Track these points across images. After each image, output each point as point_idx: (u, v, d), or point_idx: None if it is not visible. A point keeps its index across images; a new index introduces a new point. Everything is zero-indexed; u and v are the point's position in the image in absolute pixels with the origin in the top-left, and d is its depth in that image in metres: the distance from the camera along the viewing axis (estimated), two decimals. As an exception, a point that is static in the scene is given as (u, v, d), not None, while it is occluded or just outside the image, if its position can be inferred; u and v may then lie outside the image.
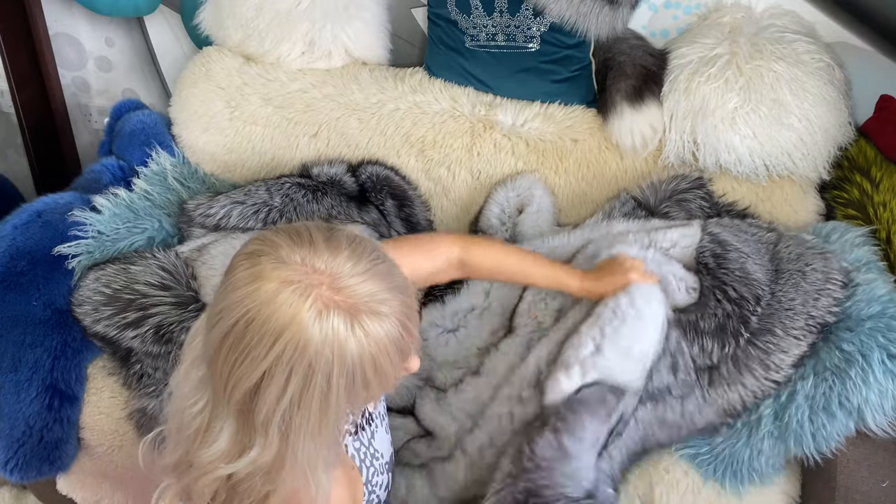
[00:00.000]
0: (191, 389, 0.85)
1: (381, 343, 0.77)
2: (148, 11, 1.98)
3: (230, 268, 0.79)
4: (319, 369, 0.74)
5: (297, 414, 0.76)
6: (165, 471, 0.91)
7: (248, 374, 0.75)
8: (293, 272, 0.75)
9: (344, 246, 0.78)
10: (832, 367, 1.25)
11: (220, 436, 0.80)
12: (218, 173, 1.84)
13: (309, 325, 0.73)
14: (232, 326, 0.75)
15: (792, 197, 1.59)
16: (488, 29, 1.66)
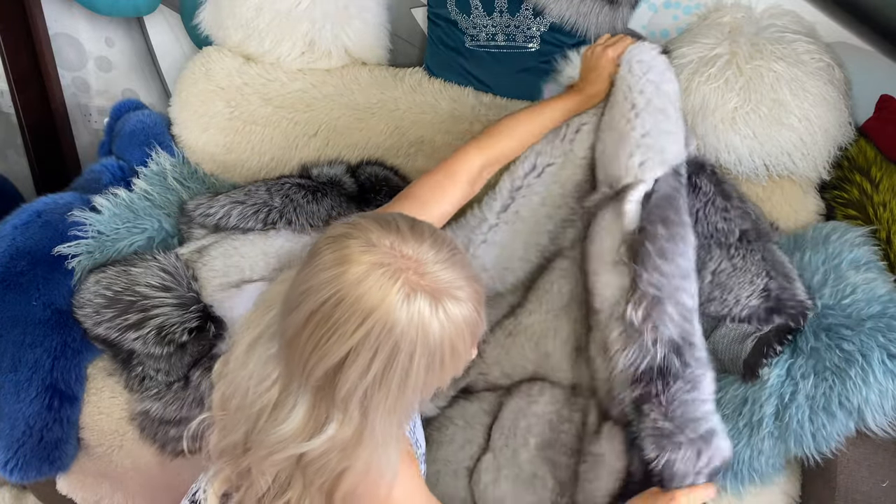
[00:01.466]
0: (257, 368, 0.88)
1: (459, 326, 0.81)
2: (148, 11, 1.98)
3: (315, 251, 0.83)
4: (404, 349, 0.78)
5: (378, 391, 0.80)
6: (215, 456, 0.94)
7: (333, 352, 0.78)
8: (383, 256, 0.79)
9: (427, 235, 0.83)
10: (832, 366, 1.25)
11: (292, 413, 0.84)
12: (218, 173, 1.84)
13: (397, 306, 0.77)
14: (320, 305, 0.78)
15: (792, 197, 1.59)
16: (488, 29, 1.66)
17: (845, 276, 1.35)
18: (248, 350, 0.91)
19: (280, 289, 0.94)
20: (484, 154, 1.26)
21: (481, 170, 1.26)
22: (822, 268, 1.38)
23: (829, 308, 1.32)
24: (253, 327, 0.93)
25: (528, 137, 1.34)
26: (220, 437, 0.94)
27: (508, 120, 1.33)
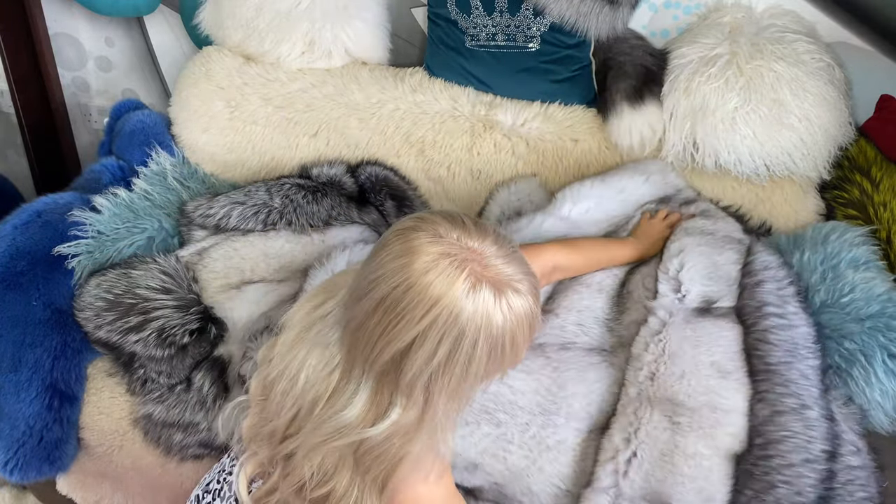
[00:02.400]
0: (312, 355, 0.90)
1: (519, 318, 0.84)
2: (148, 11, 1.98)
3: (383, 243, 0.86)
4: (468, 336, 0.81)
5: (442, 376, 0.83)
6: (250, 439, 0.96)
7: (400, 336, 0.82)
8: (450, 247, 0.83)
9: (490, 231, 0.87)
10: (834, 365, 1.25)
11: (354, 399, 0.86)
12: (218, 173, 1.84)
13: (463, 295, 0.81)
14: (390, 291, 0.82)
15: (792, 197, 1.59)
16: (488, 29, 1.66)
17: (844, 276, 1.35)
18: (301, 336, 0.93)
19: (340, 279, 0.97)
20: (564, 256, 1.35)
21: (553, 270, 1.34)
22: (821, 267, 1.38)
23: (829, 306, 1.32)
24: (307, 313, 0.95)
25: (596, 264, 1.42)
26: (258, 421, 0.96)
27: (587, 241, 1.46)
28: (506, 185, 1.68)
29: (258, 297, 1.50)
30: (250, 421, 0.98)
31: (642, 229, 1.48)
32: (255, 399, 0.98)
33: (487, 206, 1.69)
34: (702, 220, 1.48)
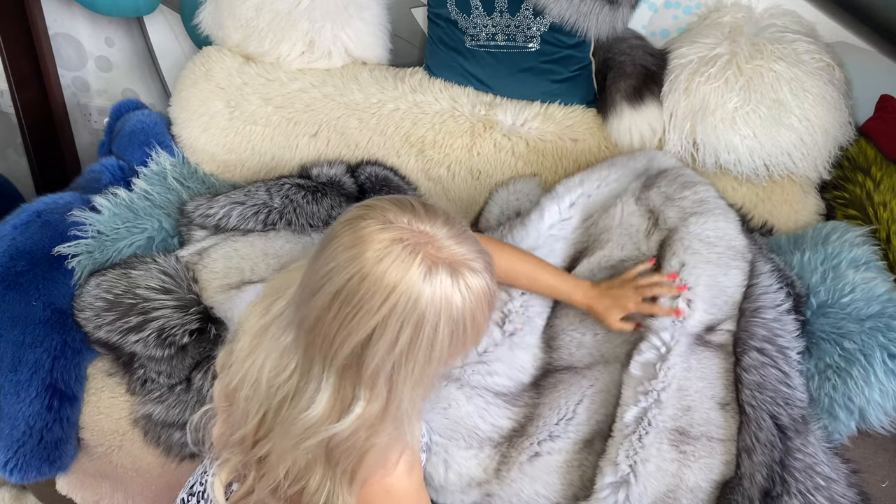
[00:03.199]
0: (270, 359, 0.89)
1: (478, 296, 0.84)
2: (148, 11, 1.98)
3: (331, 235, 0.85)
4: (429, 320, 0.81)
5: (405, 364, 0.82)
6: (222, 446, 0.95)
7: (360, 328, 0.80)
8: (401, 232, 0.82)
9: (440, 213, 0.87)
10: (834, 364, 1.25)
11: (317, 397, 0.85)
12: (218, 173, 1.84)
13: (420, 279, 0.80)
14: (345, 284, 0.80)
15: (792, 197, 1.59)
16: (488, 29, 1.66)
17: (844, 276, 1.36)
18: (256, 340, 0.92)
19: (286, 278, 0.95)
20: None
21: None
22: (822, 267, 1.38)
23: (829, 306, 1.32)
24: (259, 317, 0.94)
25: (515, 279, 1.32)
26: (226, 429, 0.94)
27: (519, 252, 1.33)
28: (506, 185, 1.68)
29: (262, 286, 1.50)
30: (219, 428, 0.97)
31: (609, 284, 1.32)
32: (219, 406, 0.97)
33: (487, 206, 1.69)
34: (698, 222, 1.36)
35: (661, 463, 1.18)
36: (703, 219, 1.36)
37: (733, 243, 1.34)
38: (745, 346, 1.24)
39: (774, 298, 1.29)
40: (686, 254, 1.31)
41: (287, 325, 0.89)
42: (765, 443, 1.17)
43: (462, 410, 1.26)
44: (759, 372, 1.21)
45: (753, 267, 1.33)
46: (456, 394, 1.27)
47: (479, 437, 1.26)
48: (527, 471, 1.23)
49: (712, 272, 1.29)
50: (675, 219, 1.38)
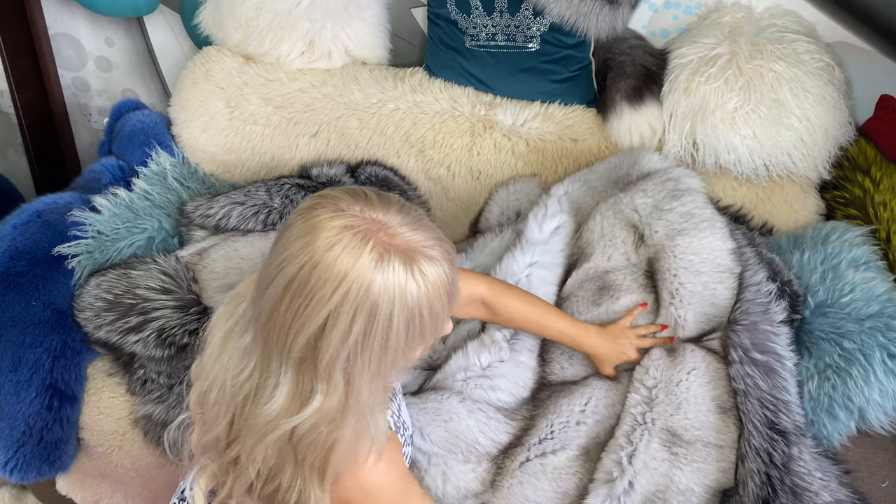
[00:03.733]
0: (233, 361, 0.88)
1: (435, 285, 0.82)
2: (148, 11, 1.98)
3: (286, 225, 0.84)
4: (382, 309, 0.79)
5: (361, 355, 0.81)
6: (200, 453, 0.94)
7: (312, 318, 0.79)
8: (353, 220, 0.80)
9: (394, 201, 0.85)
10: (833, 364, 1.25)
11: (276, 392, 0.84)
12: (218, 173, 1.84)
13: (372, 266, 0.78)
14: (296, 273, 0.79)
15: (792, 197, 1.59)
16: (488, 29, 1.66)
17: (844, 276, 1.36)
18: (222, 344, 0.91)
19: (249, 282, 0.94)
20: (491, 295, 1.25)
21: (479, 303, 1.26)
22: (821, 267, 1.38)
23: (829, 306, 1.32)
24: (224, 321, 0.93)
25: (523, 324, 1.30)
26: (201, 434, 0.94)
27: (529, 297, 1.30)
28: (506, 185, 1.68)
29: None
30: (196, 436, 0.96)
31: (612, 331, 1.31)
32: (195, 414, 0.96)
33: (487, 206, 1.69)
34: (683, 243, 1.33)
35: (648, 460, 1.17)
36: (688, 239, 1.33)
37: (719, 261, 1.32)
38: (731, 355, 1.24)
39: (765, 308, 1.29)
40: (674, 285, 1.31)
41: (246, 324, 0.88)
42: (758, 449, 1.17)
43: (463, 424, 1.26)
44: (745, 381, 1.21)
45: (743, 277, 1.32)
46: (457, 407, 1.27)
47: (478, 452, 1.26)
48: (522, 480, 1.23)
49: (700, 304, 1.30)
50: (662, 234, 1.35)
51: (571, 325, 1.30)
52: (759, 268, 1.34)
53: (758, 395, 1.20)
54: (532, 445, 1.26)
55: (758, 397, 1.20)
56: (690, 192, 1.39)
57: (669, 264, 1.32)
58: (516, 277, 1.37)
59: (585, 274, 1.40)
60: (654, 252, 1.35)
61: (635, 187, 1.42)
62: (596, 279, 1.38)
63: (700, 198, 1.39)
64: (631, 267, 1.37)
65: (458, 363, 1.30)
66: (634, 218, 1.39)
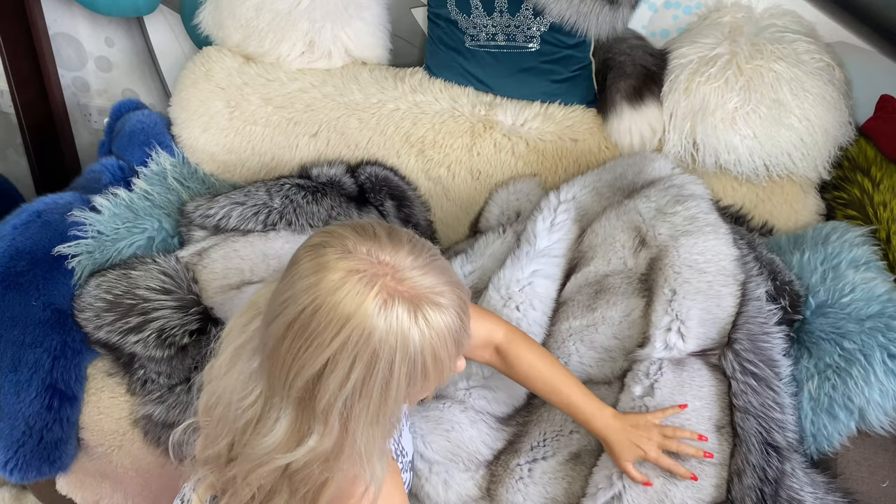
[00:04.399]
0: (240, 382, 0.87)
1: (441, 333, 0.79)
2: (148, 11, 1.98)
3: (294, 260, 0.82)
4: (383, 357, 0.77)
5: (359, 401, 0.78)
6: (199, 463, 0.93)
7: (311, 361, 0.77)
8: (359, 262, 0.78)
9: (405, 241, 0.82)
10: (833, 364, 1.25)
11: (276, 426, 0.82)
12: (218, 173, 1.84)
13: (374, 313, 0.76)
14: (298, 314, 0.77)
15: (792, 197, 1.59)
16: (488, 29, 1.66)
17: (844, 276, 1.35)
18: (232, 359, 0.90)
19: (266, 292, 0.92)
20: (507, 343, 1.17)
21: (494, 348, 1.19)
22: (821, 267, 1.38)
23: (829, 306, 1.32)
24: (237, 334, 0.92)
25: (533, 382, 1.20)
26: (205, 445, 0.93)
27: (546, 356, 1.20)
28: (506, 185, 1.68)
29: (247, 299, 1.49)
30: (201, 443, 0.95)
31: (632, 420, 1.17)
32: (202, 421, 0.95)
33: (487, 206, 1.69)
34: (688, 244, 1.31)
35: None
36: (692, 239, 1.32)
37: (723, 264, 1.30)
38: (732, 372, 1.23)
39: (767, 325, 1.27)
40: (677, 282, 1.28)
41: (255, 349, 0.87)
42: (755, 466, 1.16)
43: (465, 434, 1.26)
44: (746, 398, 1.20)
45: (745, 289, 1.30)
46: (459, 417, 1.27)
47: (478, 461, 1.27)
48: (515, 486, 1.24)
49: (704, 303, 1.27)
50: (666, 236, 1.34)
51: (587, 401, 1.17)
52: (761, 280, 1.32)
53: (756, 412, 1.19)
54: (524, 452, 1.26)
55: (755, 414, 1.19)
56: (695, 198, 1.38)
57: (673, 261, 1.30)
58: (521, 284, 1.36)
59: (585, 279, 1.39)
60: (657, 252, 1.34)
61: (639, 194, 1.42)
62: (594, 283, 1.38)
63: (704, 204, 1.38)
64: (627, 271, 1.36)
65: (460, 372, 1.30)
66: (637, 220, 1.38)
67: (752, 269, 1.33)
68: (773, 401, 1.20)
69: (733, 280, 1.30)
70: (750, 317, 1.26)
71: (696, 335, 1.26)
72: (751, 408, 1.19)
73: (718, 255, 1.31)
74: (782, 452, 1.18)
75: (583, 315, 1.35)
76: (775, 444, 1.18)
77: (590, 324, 1.34)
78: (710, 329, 1.27)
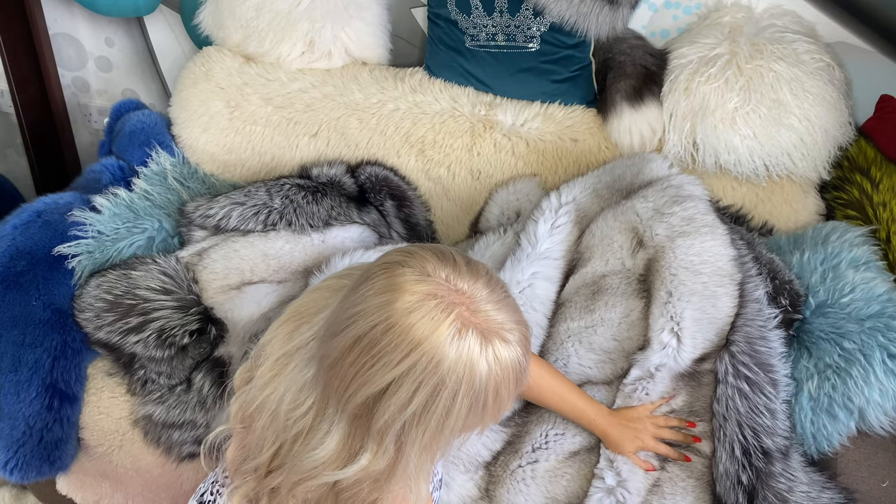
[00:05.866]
0: (290, 392, 0.85)
1: (506, 370, 0.78)
2: (148, 11, 1.98)
3: (367, 276, 0.80)
4: (449, 386, 0.76)
5: (417, 427, 0.77)
6: (234, 471, 0.92)
7: (375, 380, 0.76)
8: (438, 287, 0.77)
9: (482, 273, 0.81)
10: (833, 364, 1.25)
11: (326, 439, 0.81)
12: (218, 173, 1.84)
13: (447, 341, 0.75)
14: (369, 330, 0.76)
15: (792, 197, 1.59)
16: (488, 29, 1.66)
17: (844, 276, 1.36)
18: (277, 368, 0.89)
19: (313, 300, 0.91)
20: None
21: None
22: (821, 267, 1.38)
23: (829, 306, 1.32)
24: (282, 343, 0.91)
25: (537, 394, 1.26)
26: (241, 454, 0.92)
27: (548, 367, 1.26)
28: (506, 185, 1.68)
29: (258, 297, 1.50)
30: (233, 451, 0.94)
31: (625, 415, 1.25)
32: (235, 429, 0.94)
33: (487, 206, 1.69)
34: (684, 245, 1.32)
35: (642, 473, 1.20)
36: (689, 240, 1.32)
37: (719, 265, 1.31)
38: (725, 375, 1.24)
39: (764, 326, 1.28)
40: (673, 284, 1.29)
41: (310, 359, 0.85)
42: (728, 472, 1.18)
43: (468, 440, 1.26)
44: (732, 403, 1.21)
45: (743, 290, 1.30)
46: None
47: (477, 462, 1.28)
48: (516, 487, 1.24)
49: (699, 304, 1.27)
50: (663, 236, 1.34)
51: (590, 403, 1.26)
52: (759, 280, 1.32)
53: (740, 417, 1.21)
54: (525, 454, 1.26)
55: (739, 420, 1.20)
56: (692, 199, 1.38)
57: (669, 262, 1.31)
58: (521, 286, 1.36)
59: (583, 279, 1.39)
60: (654, 252, 1.35)
61: (637, 195, 1.42)
62: (591, 284, 1.38)
63: (702, 204, 1.38)
64: (625, 272, 1.36)
65: None
66: (635, 220, 1.38)
67: (751, 270, 1.33)
68: (763, 406, 1.21)
69: (730, 280, 1.30)
70: (748, 319, 1.27)
71: (693, 336, 1.26)
72: (734, 413, 1.21)
73: (715, 255, 1.31)
74: (771, 455, 1.19)
75: (581, 316, 1.35)
76: (762, 448, 1.19)
77: (588, 325, 1.34)
78: (708, 331, 1.27)
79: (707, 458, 1.22)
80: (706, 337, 1.27)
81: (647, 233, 1.36)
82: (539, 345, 1.37)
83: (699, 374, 1.27)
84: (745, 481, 1.17)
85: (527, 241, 1.42)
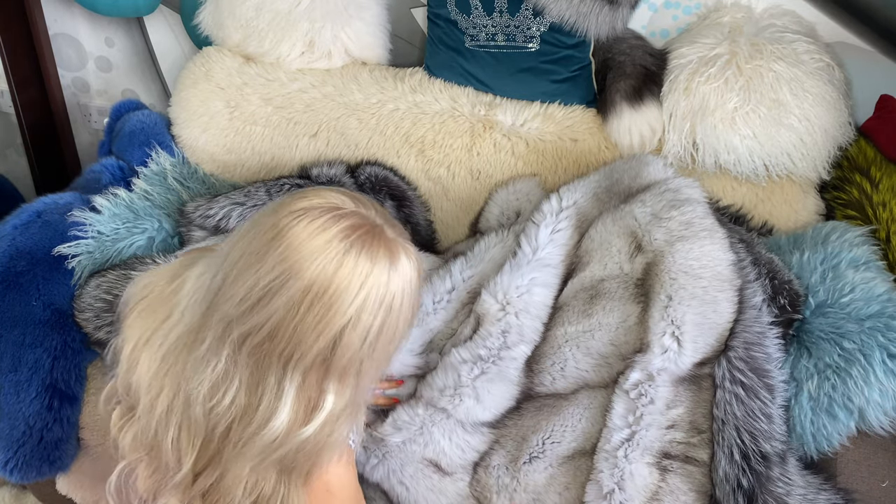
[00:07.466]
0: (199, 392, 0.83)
1: (416, 269, 0.88)
2: (148, 11, 1.98)
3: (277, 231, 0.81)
4: (396, 300, 0.83)
5: (377, 349, 0.84)
6: (155, 494, 0.90)
7: (333, 323, 0.80)
8: (354, 218, 0.83)
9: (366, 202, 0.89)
10: (833, 364, 1.25)
11: (278, 408, 0.81)
12: (218, 173, 1.84)
13: (387, 265, 0.83)
14: (313, 281, 0.79)
15: (792, 197, 1.59)
16: (488, 29, 1.66)
17: (844, 276, 1.35)
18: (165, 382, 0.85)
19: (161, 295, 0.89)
20: None
21: None
22: (821, 267, 1.38)
23: (828, 306, 1.32)
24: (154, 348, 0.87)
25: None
26: (155, 479, 0.90)
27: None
28: (506, 185, 1.68)
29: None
30: (145, 480, 0.91)
31: None
32: (137, 459, 0.91)
33: (487, 206, 1.69)
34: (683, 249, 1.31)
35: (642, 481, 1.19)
36: (688, 245, 1.32)
37: (719, 269, 1.30)
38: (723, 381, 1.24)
39: (762, 332, 1.28)
40: (672, 288, 1.28)
41: (216, 348, 0.82)
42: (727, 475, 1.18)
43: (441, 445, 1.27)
44: (730, 408, 1.21)
45: (742, 295, 1.29)
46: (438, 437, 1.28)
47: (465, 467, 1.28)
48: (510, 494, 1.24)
49: (700, 308, 1.27)
50: (662, 241, 1.34)
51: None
52: (758, 286, 1.32)
53: (737, 422, 1.21)
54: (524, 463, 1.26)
55: (736, 425, 1.20)
56: (690, 203, 1.37)
57: (669, 267, 1.30)
58: (519, 291, 1.36)
59: (581, 283, 1.39)
60: (653, 257, 1.34)
61: (635, 199, 1.41)
62: (589, 288, 1.38)
63: (700, 208, 1.38)
64: (623, 276, 1.36)
65: (444, 380, 1.30)
66: (633, 225, 1.38)
67: (749, 275, 1.32)
68: (759, 411, 1.21)
69: (729, 285, 1.29)
70: (747, 325, 1.26)
71: (693, 340, 1.26)
72: (732, 418, 1.21)
73: (714, 260, 1.31)
74: (769, 459, 1.19)
75: (578, 321, 1.35)
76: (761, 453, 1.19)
77: (586, 329, 1.34)
78: (709, 336, 1.27)
79: (706, 466, 1.21)
80: (707, 342, 1.27)
81: (646, 237, 1.36)
82: (534, 348, 1.36)
83: (699, 379, 1.27)
84: (745, 485, 1.17)
85: (527, 245, 1.41)
